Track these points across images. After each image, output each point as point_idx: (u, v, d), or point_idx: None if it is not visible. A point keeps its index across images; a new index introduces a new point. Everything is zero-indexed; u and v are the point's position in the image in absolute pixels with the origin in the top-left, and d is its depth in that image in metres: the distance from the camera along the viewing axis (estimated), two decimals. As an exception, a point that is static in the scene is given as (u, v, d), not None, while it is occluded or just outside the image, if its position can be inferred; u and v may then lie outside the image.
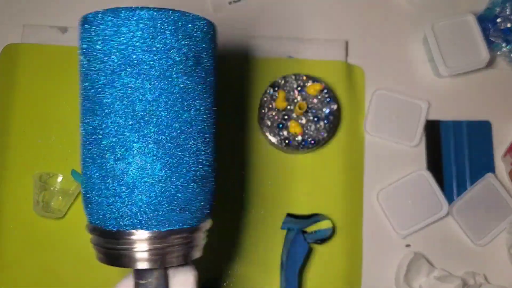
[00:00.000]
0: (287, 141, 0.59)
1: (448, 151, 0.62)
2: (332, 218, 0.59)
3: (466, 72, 0.63)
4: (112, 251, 0.37)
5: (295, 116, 0.59)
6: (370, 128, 0.62)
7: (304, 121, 0.59)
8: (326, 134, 0.59)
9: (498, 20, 0.63)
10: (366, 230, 0.60)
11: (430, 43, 0.62)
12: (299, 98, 0.60)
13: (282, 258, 0.57)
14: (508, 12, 0.63)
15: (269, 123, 0.59)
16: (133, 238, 0.36)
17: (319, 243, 0.58)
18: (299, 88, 0.60)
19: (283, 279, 0.55)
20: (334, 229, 0.58)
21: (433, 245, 0.60)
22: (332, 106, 0.60)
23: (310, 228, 0.58)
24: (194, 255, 0.40)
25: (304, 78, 0.60)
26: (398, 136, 0.62)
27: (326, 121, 0.59)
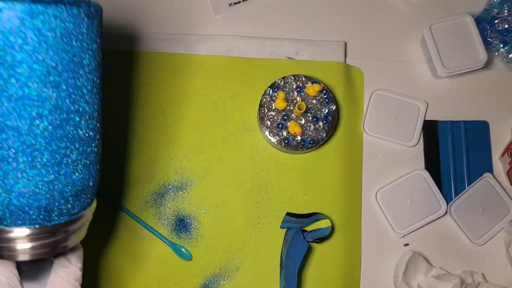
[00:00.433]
0: (286, 141, 0.59)
1: (446, 151, 0.63)
2: (331, 218, 0.60)
3: (463, 72, 0.63)
4: None
5: (295, 116, 0.60)
6: (369, 128, 0.63)
7: (303, 121, 0.60)
8: (325, 134, 0.60)
9: (496, 21, 0.63)
10: (364, 229, 0.61)
11: (428, 44, 0.63)
12: (298, 99, 0.60)
13: (281, 257, 0.57)
14: (505, 13, 0.63)
15: (269, 123, 0.60)
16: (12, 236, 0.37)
17: (318, 242, 0.58)
18: (299, 89, 0.60)
19: (283, 278, 0.55)
20: (333, 227, 0.58)
21: (431, 244, 0.61)
22: (331, 107, 0.60)
23: (309, 227, 0.59)
24: (77, 240, 0.41)
25: (303, 79, 0.61)
26: (397, 136, 0.63)
27: (325, 121, 0.60)
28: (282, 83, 0.61)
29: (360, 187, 0.62)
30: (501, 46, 0.64)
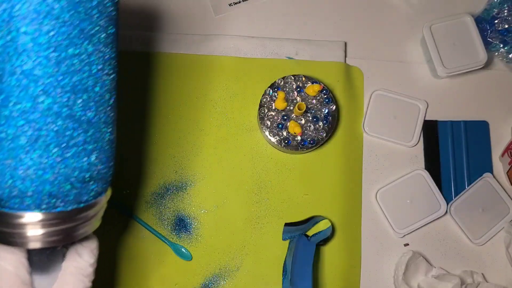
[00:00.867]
0: (286, 141, 0.59)
1: (446, 151, 0.63)
2: (331, 218, 0.60)
3: (463, 72, 0.63)
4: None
5: (295, 116, 0.60)
6: (369, 128, 0.63)
7: (303, 121, 0.60)
8: (325, 134, 0.60)
9: (496, 21, 0.63)
10: (365, 229, 0.61)
11: (428, 44, 0.63)
12: (298, 99, 0.60)
13: (285, 265, 0.57)
14: (505, 13, 0.63)
15: (269, 123, 0.60)
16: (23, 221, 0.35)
17: (322, 244, 0.58)
18: (299, 89, 0.60)
19: (289, 285, 0.55)
20: (333, 226, 0.58)
21: (431, 244, 0.61)
22: (331, 107, 0.60)
23: (310, 232, 0.58)
24: (91, 229, 0.40)
25: (303, 79, 0.61)
26: (397, 136, 0.63)
27: (325, 121, 0.60)
28: (282, 83, 0.61)
29: (360, 187, 0.62)
30: (501, 46, 0.64)
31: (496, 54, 0.65)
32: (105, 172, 0.39)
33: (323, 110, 0.60)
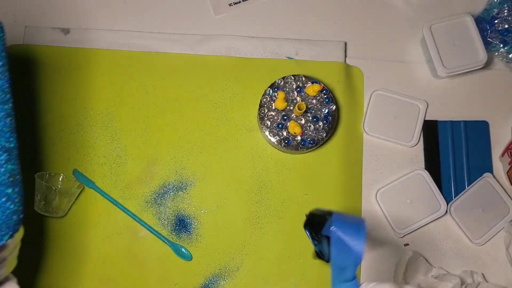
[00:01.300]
0: (286, 141, 0.59)
1: (446, 151, 0.63)
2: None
3: (463, 72, 0.63)
4: None
5: (295, 116, 0.60)
6: (369, 128, 0.63)
7: (303, 121, 0.60)
8: (325, 134, 0.60)
9: (496, 21, 0.63)
10: (365, 229, 0.61)
11: (428, 44, 0.63)
12: (298, 99, 0.60)
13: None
14: (505, 13, 0.63)
15: (269, 123, 0.60)
16: None
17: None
18: (299, 89, 0.60)
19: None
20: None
21: (431, 244, 0.61)
22: (331, 107, 0.60)
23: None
24: (7, 271, 0.39)
25: (303, 79, 0.61)
26: (397, 136, 0.62)
27: (325, 121, 0.60)
28: (282, 83, 0.61)
29: (360, 187, 0.62)
30: (501, 46, 0.64)
31: (496, 54, 0.65)
32: (14, 216, 0.38)
33: (323, 110, 0.60)
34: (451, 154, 0.63)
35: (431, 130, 0.63)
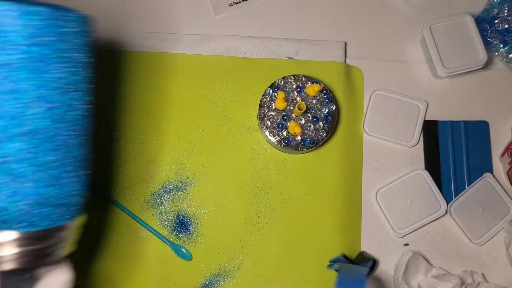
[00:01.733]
0: (286, 141, 0.59)
1: (446, 151, 0.63)
2: (331, 218, 0.60)
3: (463, 72, 0.63)
4: None
5: (295, 116, 0.60)
6: (369, 128, 0.63)
7: (303, 121, 0.60)
8: (325, 134, 0.60)
9: (496, 21, 0.63)
10: (364, 229, 0.61)
11: (428, 44, 0.63)
12: (298, 99, 0.60)
13: None
14: (505, 13, 0.63)
15: (269, 123, 0.60)
16: None
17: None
18: (299, 89, 0.60)
19: None
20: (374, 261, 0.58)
21: (431, 244, 0.61)
22: (331, 107, 0.60)
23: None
24: (64, 252, 0.39)
25: (303, 79, 0.61)
26: (397, 136, 0.63)
27: (325, 121, 0.60)
28: (282, 83, 0.61)
29: (360, 187, 0.62)
30: (501, 46, 0.64)
31: (496, 54, 0.65)
32: (77, 199, 0.40)
33: (323, 110, 0.60)
34: (451, 154, 0.63)
35: (431, 130, 0.63)
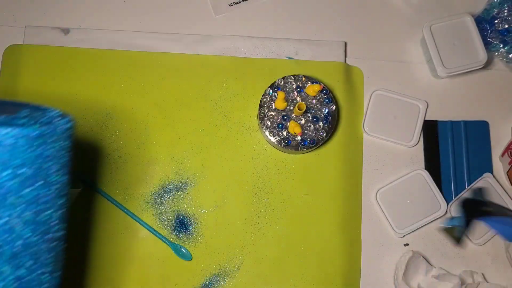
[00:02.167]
0: (286, 141, 0.59)
1: (446, 151, 0.63)
2: (331, 218, 0.60)
3: (463, 72, 0.63)
4: None
5: (295, 116, 0.60)
6: (369, 128, 0.63)
7: (303, 121, 0.60)
8: (325, 134, 0.60)
9: (496, 21, 0.63)
10: (364, 229, 0.61)
11: (428, 44, 0.63)
12: (298, 99, 0.60)
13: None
14: (505, 13, 0.63)
15: (269, 123, 0.60)
16: None
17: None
18: (299, 89, 0.60)
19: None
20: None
21: (431, 244, 0.61)
22: (331, 107, 0.60)
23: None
24: None
25: (303, 79, 0.61)
26: (397, 136, 0.63)
27: (325, 121, 0.60)
28: (282, 83, 0.61)
29: (360, 187, 0.62)
30: (501, 46, 0.64)
31: (496, 54, 0.65)
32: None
33: (323, 110, 0.60)
34: (451, 154, 0.63)
35: (431, 130, 0.63)
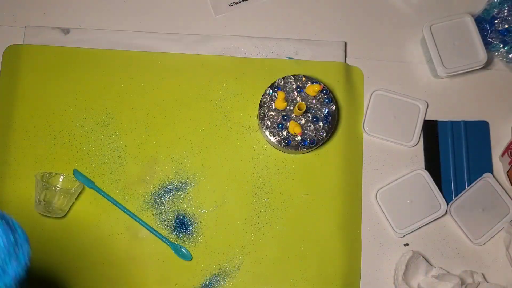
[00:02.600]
0: (286, 141, 0.59)
1: (446, 151, 0.63)
2: (331, 218, 0.60)
3: (463, 72, 0.63)
4: None
5: (295, 116, 0.60)
6: (369, 128, 0.63)
7: (303, 121, 0.60)
8: (325, 134, 0.60)
9: (496, 21, 0.63)
10: (364, 229, 0.61)
11: (428, 44, 0.63)
12: (298, 99, 0.60)
13: None
14: (505, 13, 0.63)
15: (269, 123, 0.60)
16: None
17: None
18: (299, 89, 0.60)
19: None
20: None
21: (431, 244, 0.61)
22: (331, 107, 0.60)
23: None
24: None
25: (303, 79, 0.61)
26: (397, 136, 0.63)
27: (325, 121, 0.60)
28: (282, 83, 0.61)
29: (360, 187, 0.62)
30: (501, 46, 0.64)
31: (496, 54, 0.65)
32: None
33: (323, 110, 0.60)
34: (451, 154, 0.63)
35: (431, 130, 0.63)
